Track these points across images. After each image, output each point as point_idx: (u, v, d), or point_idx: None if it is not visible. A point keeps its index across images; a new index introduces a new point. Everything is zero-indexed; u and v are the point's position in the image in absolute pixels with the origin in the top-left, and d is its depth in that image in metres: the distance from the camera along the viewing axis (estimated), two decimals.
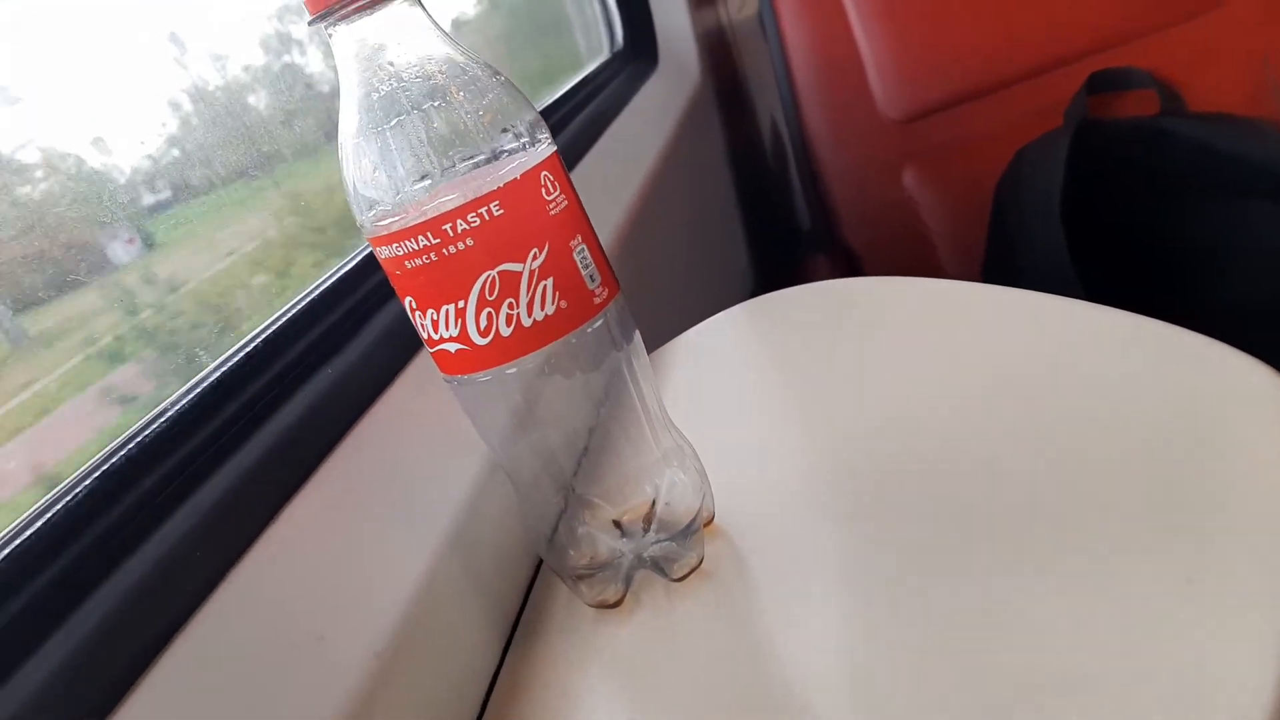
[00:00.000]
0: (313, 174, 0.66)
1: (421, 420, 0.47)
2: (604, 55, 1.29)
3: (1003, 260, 1.14)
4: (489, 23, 1.25)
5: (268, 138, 0.61)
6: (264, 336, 0.47)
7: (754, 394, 0.59)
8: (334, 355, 0.49)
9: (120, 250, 0.50)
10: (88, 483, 0.35)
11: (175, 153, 0.54)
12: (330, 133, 0.41)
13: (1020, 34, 1.24)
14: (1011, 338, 0.54)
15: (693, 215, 1.18)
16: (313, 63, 0.69)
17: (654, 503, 0.42)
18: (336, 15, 0.34)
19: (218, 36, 0.58)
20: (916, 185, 1.29)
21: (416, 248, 0.35)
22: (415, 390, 0.49)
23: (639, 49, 1.33)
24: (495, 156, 0.36)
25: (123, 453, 0.37)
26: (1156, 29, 1.20)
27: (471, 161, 0.36)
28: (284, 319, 0.49)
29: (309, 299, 0.51)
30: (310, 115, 0.68)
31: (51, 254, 0.44)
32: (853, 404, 0.52)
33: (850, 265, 1.38)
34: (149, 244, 0.52)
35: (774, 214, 1.58)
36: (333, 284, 0.53)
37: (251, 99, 0.63)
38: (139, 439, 0.38)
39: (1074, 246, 0.99)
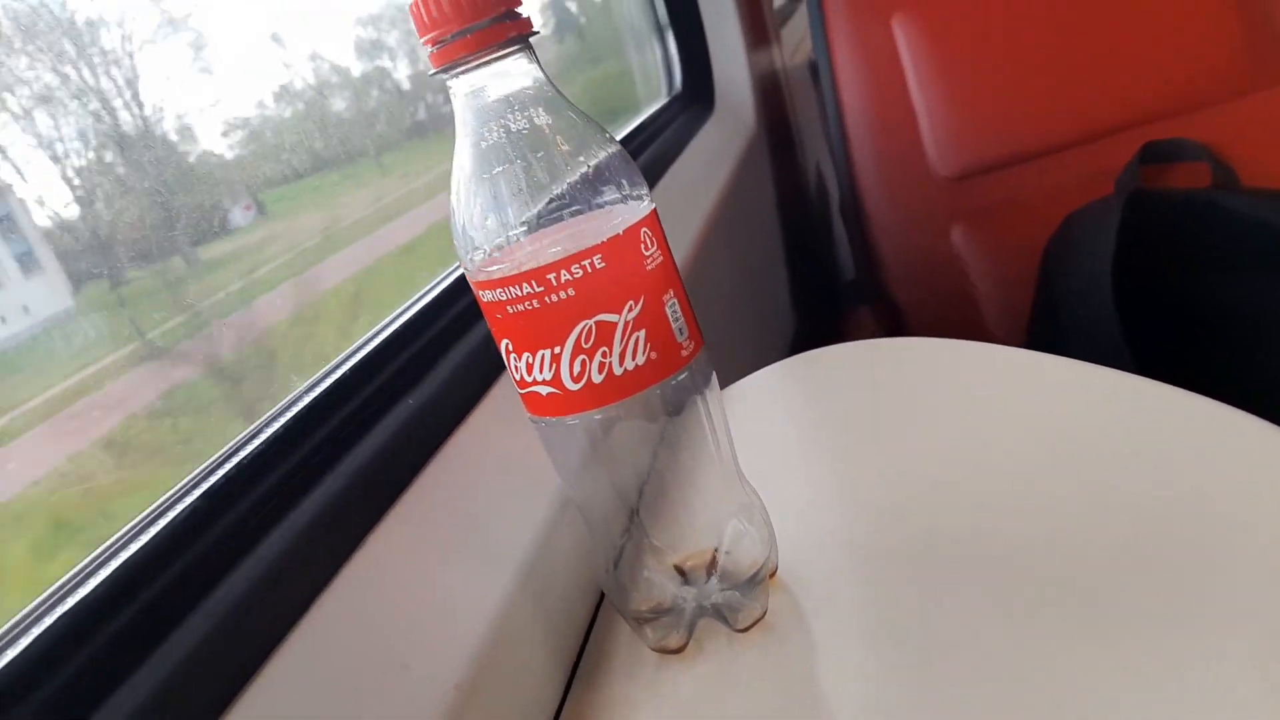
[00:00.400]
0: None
1: (496, 452, 0.49)
2: (663, 98, 1.31)
3: (1049, 323, 1.15)
4: (551, 60, 1.28)
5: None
6: (349, 365, 0.48)
7: (808, 449, 0.60)
8: (414, 386, 0.50)
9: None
10: (181, 509, 0.36)
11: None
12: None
13: (1075, 100, 1.26)
14: (1063, 407, 0.54)
15: (741, 259, 1.19)
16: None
17: (716, 550, 0.43)
18: (459, 69, 0.36)
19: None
20: (964, 243, 1.30)
21: (519, 294, 0.36)
22: (491, 421, 0.50)
23: (697, 93, 1.36)
24: (598, 209, 0.37)
25: (216, 478, 0.38)
26: (1211, 103, 1.21)
27: (576, 213, 0.37)
28: (367, 348, 0.51)
29: (391, 329, 0.53)
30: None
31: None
32: (903, 465, 0.53)
33: (894, 318, 1.39)
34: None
35: (819, 261, 1.59)
36: (413, 315, 0.55)
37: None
38: (233, 463, 0.39)
39: (1122, 315, 0.99)
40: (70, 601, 0.31)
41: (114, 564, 0.33)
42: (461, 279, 0.60)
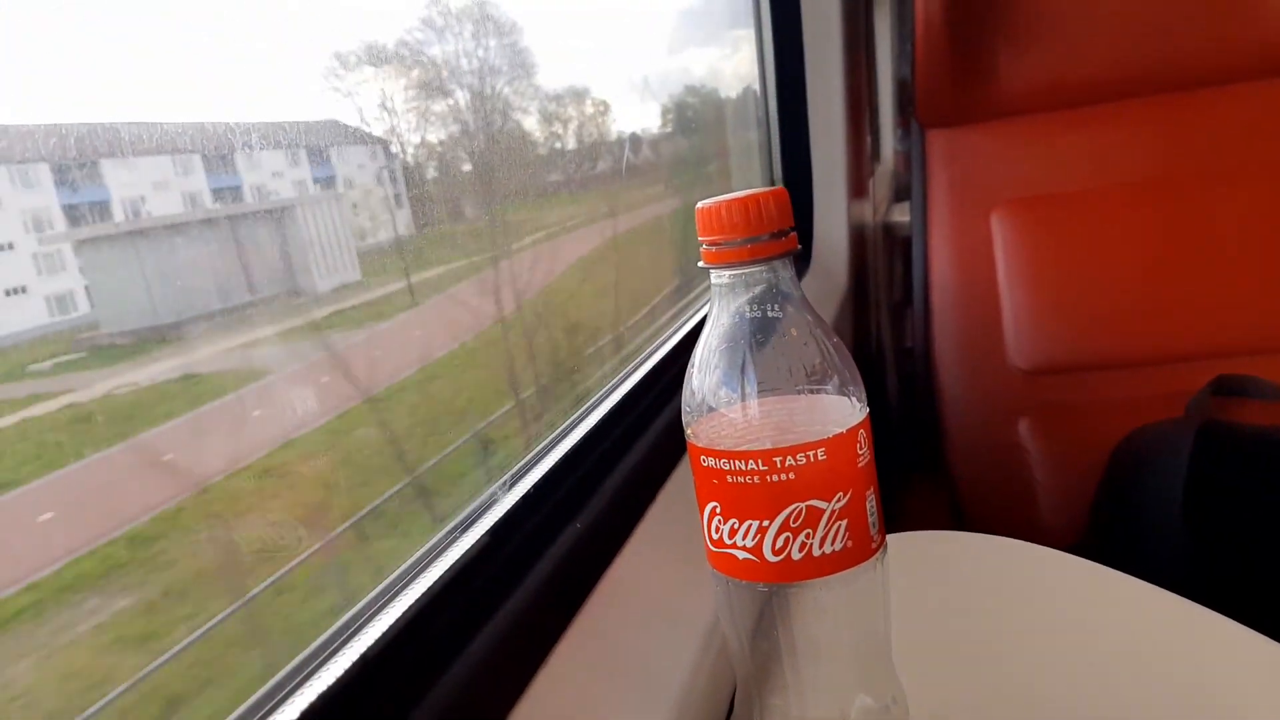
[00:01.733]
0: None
1: (653, 584, 0.52)
2: None
3: (1111, 530, 1.18)
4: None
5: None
6: (529, 484, 0.53)
7: None
8: (581, 508, 0.54)
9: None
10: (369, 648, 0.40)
11: None
12: None
13: (1154, 321, 1.32)
14: (1122, 626, 0.57)
15: None
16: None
17: None
18: (724, 270, 0.42)
19: None
20: (1030, 436, 1.35)
21: (743, 468, 0.41)
22: (649, 548, 0.54)
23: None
24: (821, 399, 0.42)
25: (411, 609, 0.42)
26: None
27: (802, 399, 0.42)
28: (544, 466, 0.55)
29: (565, 447, 0.57)
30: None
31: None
32: (952, 668, 0.55)
33: (951, 493, 1.43)
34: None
35: (882, 423, 1.63)
36: (581, 437, 0.59)
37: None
38: (426, 594, 0.43)
39: (1188, 538, 1.02)
40: None
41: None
42: (621, 405, 0.65)
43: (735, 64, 1.59)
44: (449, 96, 0.72)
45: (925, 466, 1.47)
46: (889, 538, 0.74)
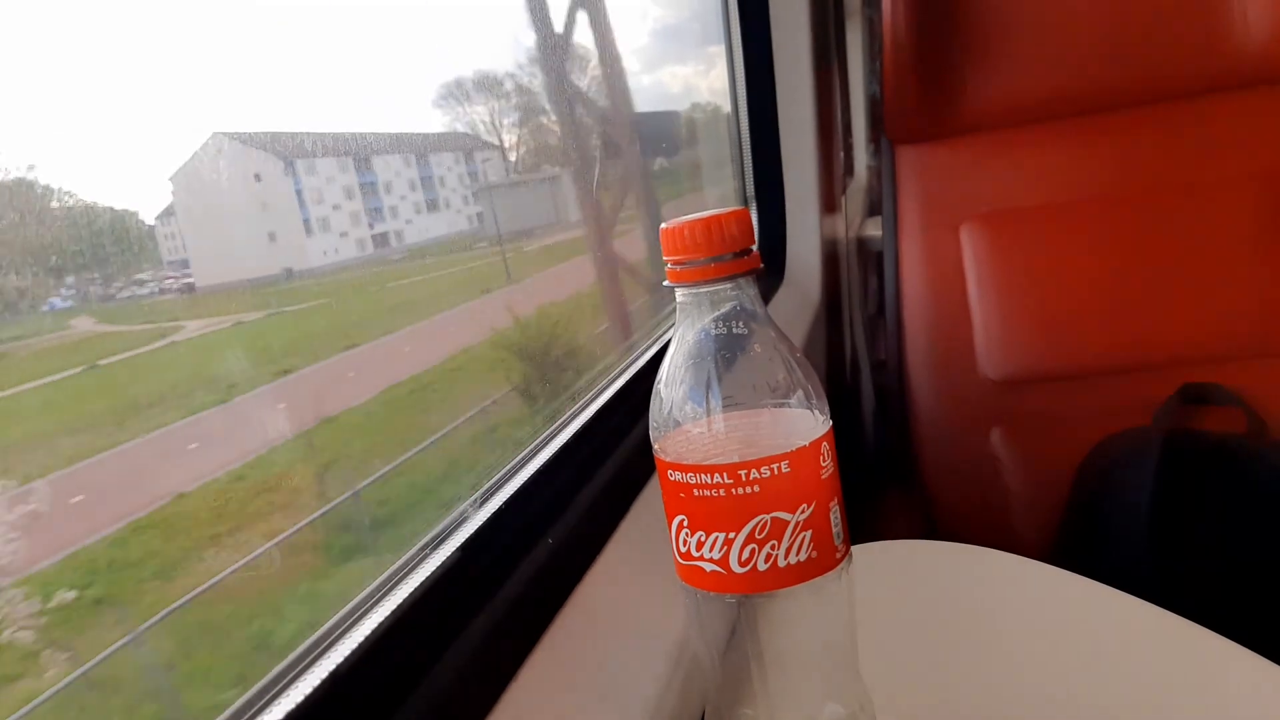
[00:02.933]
0: None
1: (623, 599, 0.53)
2: None
3: (1080, 538, 1.20)
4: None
5: None
6: (502, 498, 0.53)
7: None
8: (552, 525, 0.55)
9: None
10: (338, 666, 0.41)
11: None
12: None
13: (1121, 331, 1.34)
14: (1090, 632, 0.58)
15: None
16: None
17: None
18: (689, 289, 0.43)
19: None
20: (1002, 446, 1.37)
21: (709, 482, 0.42)
22: (620, 564, 0.54)
23: (770, 262, 1.44)
24: (785, 412, 0.43)
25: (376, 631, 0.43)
26: (1248, 356, 1.29)
27: (767, 412, 0.43)
28: (515, 484, 0.56)
29: (537, 464, 0.58)
30: None
31: None
32: (927, 674, 0.56)
33: (923, 503, 1.44)
34: None
35: (856, 435, 1.65)
36: (553, 453, 0.60)
37: None
38: (395, 612, 0.44)
39: (1155, 546, 1.04)
40: None
41: None
42: (593, 422, 0.66)
43: (710, 80, 1.63)
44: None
45: (899, 477, 1.49)
46: (864, 547, 0.76)
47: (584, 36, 1.09)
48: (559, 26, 1.01)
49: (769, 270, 1.44)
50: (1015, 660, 0.56)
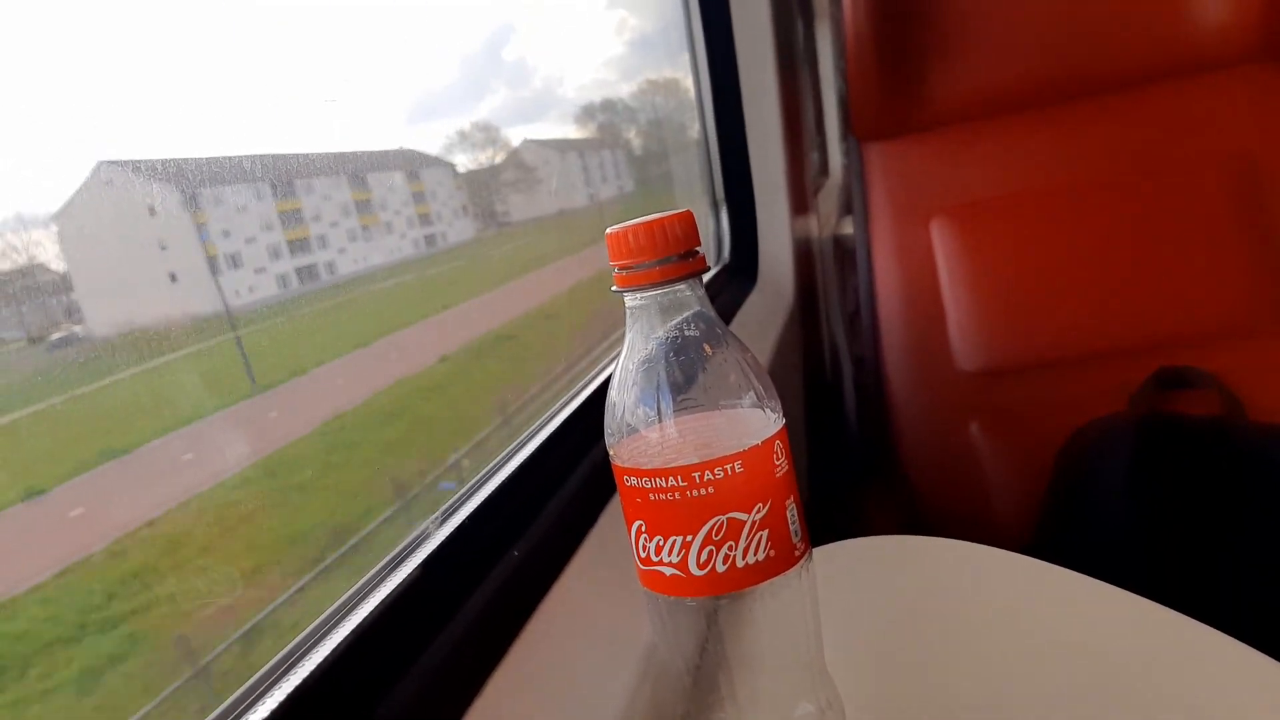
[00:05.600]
0: None
1: (589, 610, 0.53)
2: (712, 267, 1.40)
3: (1059, 526, 1.20)
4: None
5: None
6: (467, 512, 0.53)
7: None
8: (518, 538, 0.54)
9: None
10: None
11: None
12: None
13: (1094, 317, 1.35)
14: (1070, 625, 0.58)
15: None
16: None
17: None
18: (637, 293, 0.43)
19: None
20: (981, 437, 1.37)
21: (664, 485, 0.42)
22: (588, 574, 0.54)
23: (743, 264, 1.45)
24: (737, 413, 0.43)
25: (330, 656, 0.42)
26: (1221, 337, 1.30)
27: (719, 414, 0.43)
28: (482, 495, 0.55)
29: (503, 476, 0.58)
30: None
31: None
32: (910, 670, 0.56)
33: (905, 497, 1.44)
34: None
35: (835, 432, 1.65)
36: (519, 465, 0.60)
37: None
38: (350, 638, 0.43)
39: (1133, 532, 1.04)
40: None
41: None
42: (558, 433, 0.66)
43: (688, 86, 1.65)
44: None
45: (881, 472, 1.49)
46: (845, 543, 0.76)
47: None
48: None
49: (741, 272, 1.44)
50: (997, 655, 0.56)
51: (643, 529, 0.43)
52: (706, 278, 1.31)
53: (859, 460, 1.58)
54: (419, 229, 0.89)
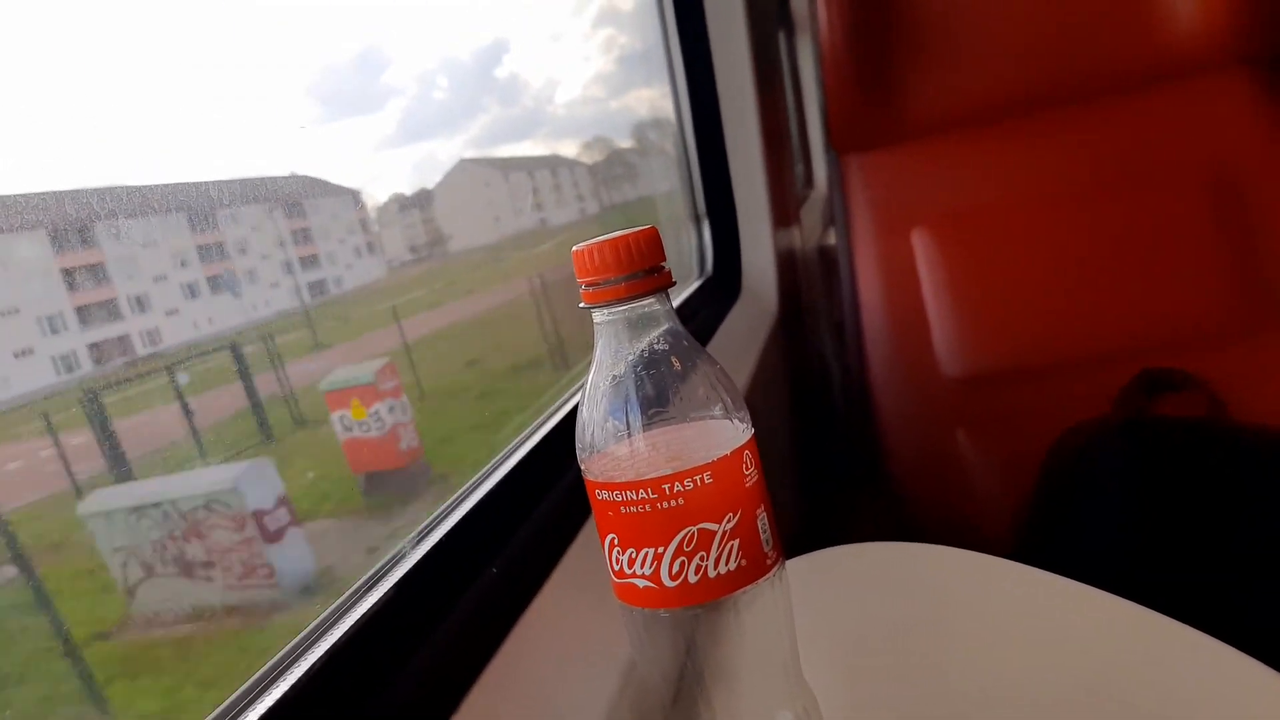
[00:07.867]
0: None
1: (569, 628, 0.53)
2: (694, 281, 1.41)
3: (1047, 531, 1.20)
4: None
5: None
6: (447, 528, 0.53)
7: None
8: (496, 555, 0.55)
9: None
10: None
11: None
12: None
13: (1078, 322, 1.36)
14: (1057, 629, 0.58)
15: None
16: None
17: None
18: (604, 309, 0.43)
19: None
20: (968, 444, 1.37)
21: (634, 498, 0.42)
22: (567, 590, 0.54)
23: (725, 277, 1.45)
24: (706, 424, 0.44)
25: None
26: (1205, 340, 1.31)
27: (687, 426, 0.43)
28: (461, 511, 0.55)
29: (481, 492, 0.58)
30: None
31: None
32: (901, 674, 0.56)
33: (893, 505, 1.45)
34: None
35: (823, 441, 1.66)
36: (497, 482, 0.60)
37: None
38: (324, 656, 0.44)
39: (1122, 536, 1.05)
40: None
41: None
42: (537, 451, 0.66)
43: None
44: None
45: (868, 480, 1.49)
46: (832, 551, 0.76)
47: None
48: None
49: (724, 285, 1.45)
50: (985, 659, 0.56)
51: (615, 542, 0.44)
52: (689, 292, 1.32)
53: (847, 468, 1.58)
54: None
